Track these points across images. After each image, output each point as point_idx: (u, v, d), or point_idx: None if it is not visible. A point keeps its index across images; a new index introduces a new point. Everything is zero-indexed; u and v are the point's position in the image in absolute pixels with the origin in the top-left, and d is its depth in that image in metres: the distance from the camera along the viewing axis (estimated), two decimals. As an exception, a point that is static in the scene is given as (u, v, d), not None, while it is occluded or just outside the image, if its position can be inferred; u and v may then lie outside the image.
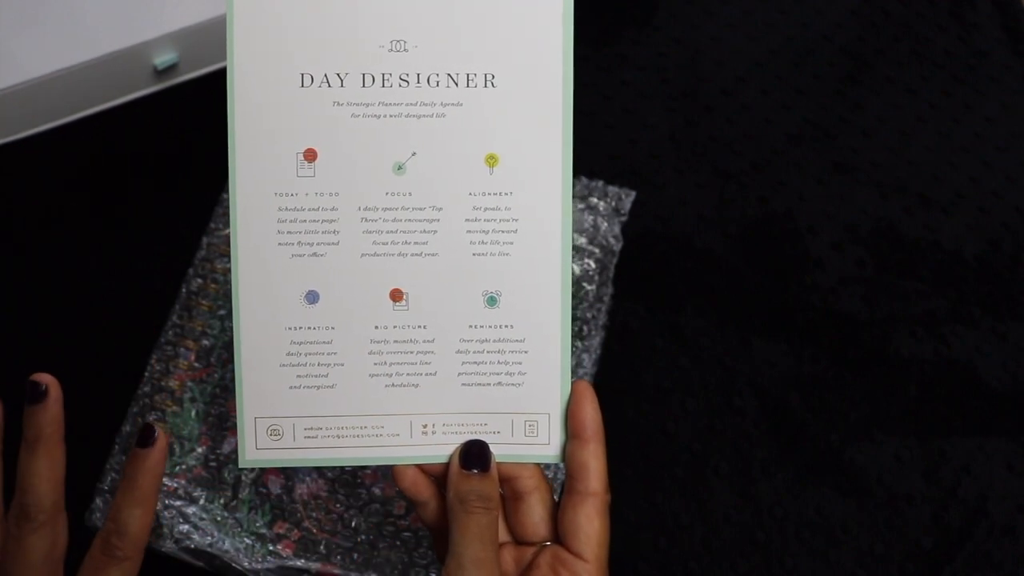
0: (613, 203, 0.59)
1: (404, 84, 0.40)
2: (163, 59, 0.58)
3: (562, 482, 0.41)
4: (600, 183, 0.59)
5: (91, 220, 0.59)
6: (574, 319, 0.55)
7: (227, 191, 0.57)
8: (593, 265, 0.57)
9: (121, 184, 0.61)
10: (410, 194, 0.40)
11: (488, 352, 0.41)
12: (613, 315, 0.57)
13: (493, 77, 0.40)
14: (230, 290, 0.41)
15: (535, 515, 0.41)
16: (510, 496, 0.41)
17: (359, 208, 0.40)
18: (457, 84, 0.40)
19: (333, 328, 0.41)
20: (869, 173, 0.63)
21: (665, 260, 0.60)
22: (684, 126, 0.64)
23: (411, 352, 0.41)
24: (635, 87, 0.65)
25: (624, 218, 0.59)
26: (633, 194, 0.59)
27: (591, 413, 0.40)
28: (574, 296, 0.56)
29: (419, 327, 0.41)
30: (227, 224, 0.56)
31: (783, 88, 0.66)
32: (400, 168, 0.40)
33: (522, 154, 0.40)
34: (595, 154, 0.63)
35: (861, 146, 0.64)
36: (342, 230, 0.40)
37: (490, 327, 0.41)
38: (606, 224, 0.58)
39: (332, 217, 0.40)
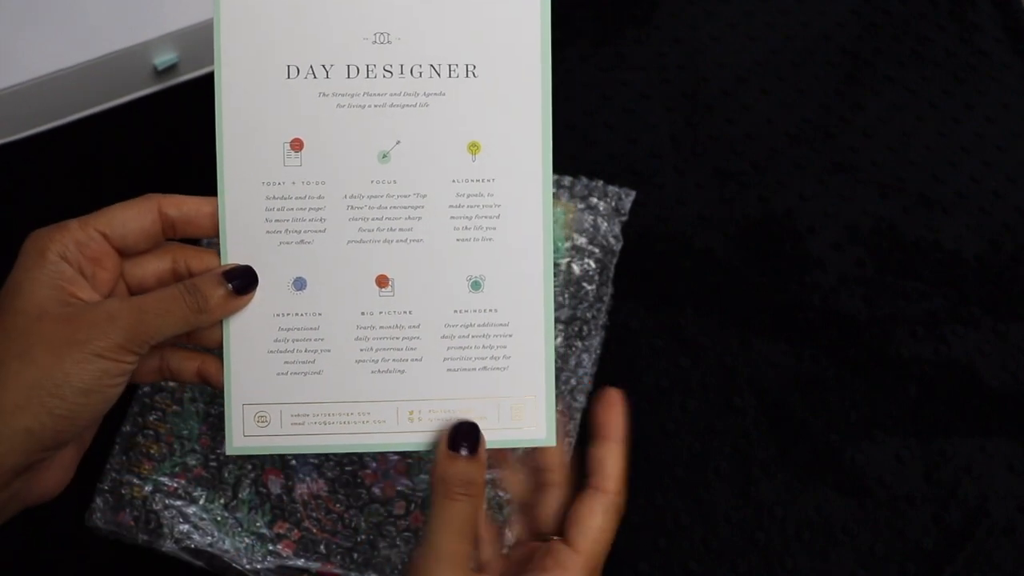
0: (613, 203, 0.59)
1: (388, 75, 0.41)
2: (163, 59, 0.58)
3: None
4: (600, 183, 0.59)
5: (91, 220, 0.59)
6: (574, 319, 0.55)
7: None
8: (593, 265, 0.57)
9: (121, 184, 0.61)
10: (395, 182, 0.41)
11: (473, 337, 0.42)
12: (613, 315, 0.57)
13: (474, 67, 0.41)
14: None
15: (549, 508, 0.41)
16: (534, 485, 0.42)
17: (345, 196, 0.41)
18: (440, 75, 0.41)
19: (320, 314, 0.41)
20: (869, 173, 0.63)
21: (665, 260, 0.60)
22: (684, 126, 0.64)
23: (397, 338, 0.41)
24: (635, 87, 0.65)
25: (624, 218, 0.59)
26: (633, 194, 0.59)
27: (616, 418, 0.41)
28: (574, 296, 0.56)
29: (405, 312, 0.41)
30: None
31: (783, 88, 0.66)
32: (385, 157, 0.41)
33: (503, 142, 0.41)
34: (595, 154, 0.62)
35: (861, 146, 0.64)
36: (328, 218, 0.41)
37: (475, 311, 0.42)
38: (606, 224, 0.58)
39: (319, 205, 0.41)
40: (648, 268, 0.59)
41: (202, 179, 0.58)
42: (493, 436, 0.41)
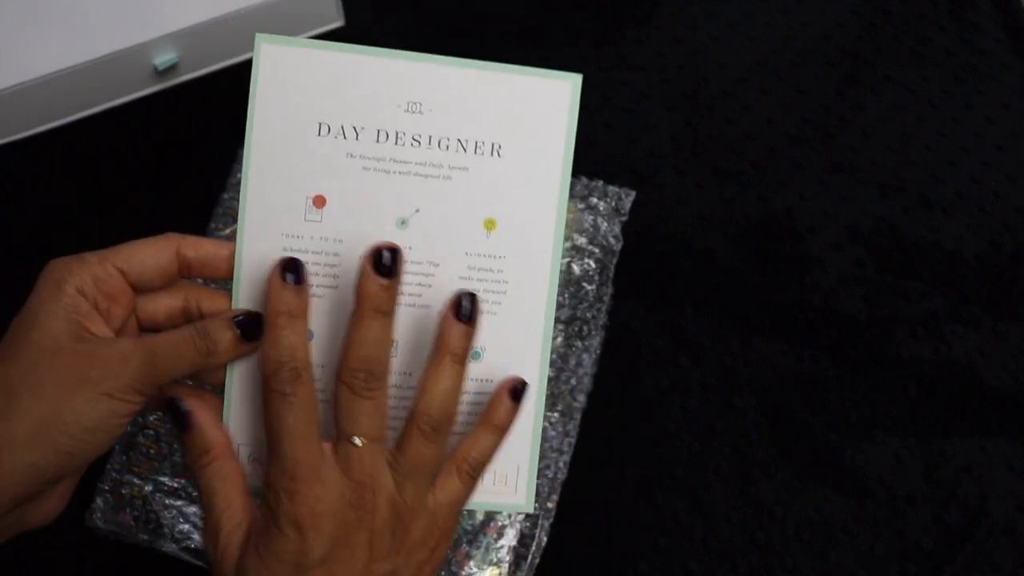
0: (613, 203, 0.59)
1: (416, 144, 0.41)
2: (163, 59, 0.59)
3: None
4: (600, 183, 0.59)
5: (91, 220, 0.59)
6: (574, 319, 0.55)
7: (227, 191, 0.57)
8: (593, 265, 0.57)
9: (121, 184, 0.61)
10: (410, 248, 0.42)
11: (468, 404, 0.43)
12: (613, 315, 0.57)
13: (500, 147, 0.42)
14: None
15: None
16: None
17: (361, 256, 0.41)
18: (466, 150, 0.42)
19: (323, 367, 0.42)
20: (869, 173, 0.63)
21: (665, 260, 0.60)
22: (684, 126, 0.64)
23: (395, 396, 0.42)
24: (635, 87, 0.65)
25: (624, 218, 0.59)
26: (633, 194, 0.59)
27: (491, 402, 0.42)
28: (574, 296, 0.56)
29: (405, 374, 0.42)
30: (227, 224, 0.56)
31: (783, 88, 0.66)
32: (403, 223, 0.42)
33: (519, 222, 0.42)
34: (595, 154, 0.62)
35: (861, 146, 0.64)
36: (342, 275, 0.41)
37: (472, 380, 0.43)
38: (606, 224, 0.58)
39: (334, 262, 0.41)
40: (648, 268, 0.59)
41: (202, 179, 0.59)
42: (478, 497, 0.43)
